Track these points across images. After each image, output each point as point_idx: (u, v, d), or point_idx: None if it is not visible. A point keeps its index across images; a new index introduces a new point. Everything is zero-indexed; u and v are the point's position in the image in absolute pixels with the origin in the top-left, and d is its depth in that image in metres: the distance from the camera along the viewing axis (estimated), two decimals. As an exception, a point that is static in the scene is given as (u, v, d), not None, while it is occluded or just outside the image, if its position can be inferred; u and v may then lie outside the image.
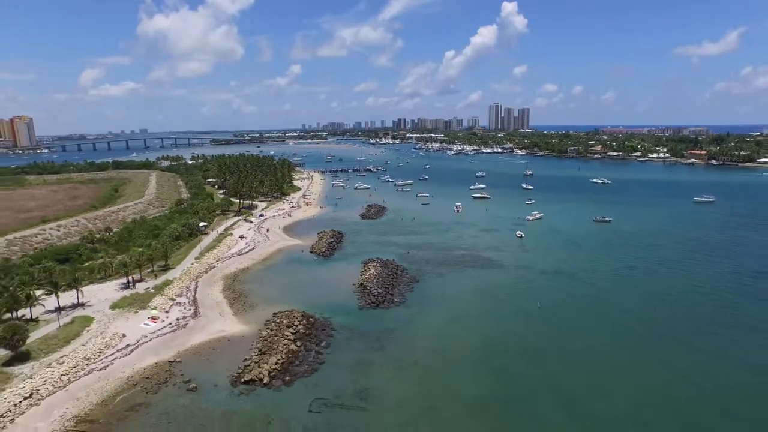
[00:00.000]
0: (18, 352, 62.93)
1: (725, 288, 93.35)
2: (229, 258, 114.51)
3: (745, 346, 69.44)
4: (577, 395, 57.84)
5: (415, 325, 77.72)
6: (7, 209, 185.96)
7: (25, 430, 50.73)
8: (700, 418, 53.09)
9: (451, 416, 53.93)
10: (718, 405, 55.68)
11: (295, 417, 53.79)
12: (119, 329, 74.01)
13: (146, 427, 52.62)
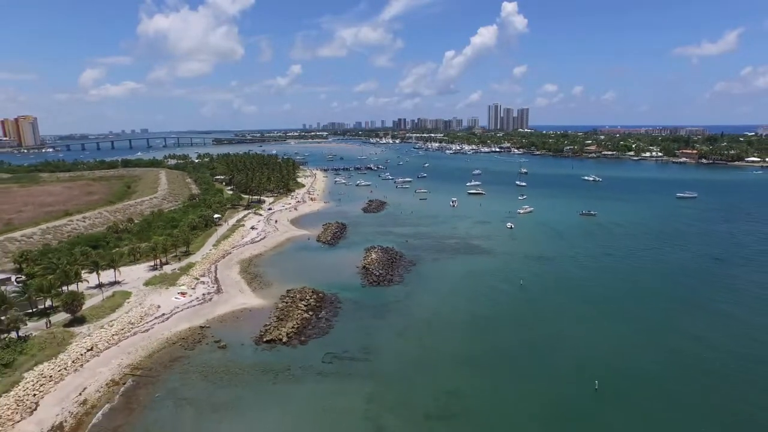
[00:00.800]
0: (76, 316, 74.21)
1: (686, 270, 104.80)
2: (243, 246, 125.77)
3: (690, 318, 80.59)
4: (547, 352, 68.93)
5: (411, 300, 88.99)
6: (30, 204, 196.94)
7: (92, 374, 61.87)
8: (639, 360, 64.03)
9: (441, 368, 65.00)
10: (658, 352, 66.59)
11: (310, 366, 64.91)
12: (154, 301, 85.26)
13: (187, 373, 63.77)
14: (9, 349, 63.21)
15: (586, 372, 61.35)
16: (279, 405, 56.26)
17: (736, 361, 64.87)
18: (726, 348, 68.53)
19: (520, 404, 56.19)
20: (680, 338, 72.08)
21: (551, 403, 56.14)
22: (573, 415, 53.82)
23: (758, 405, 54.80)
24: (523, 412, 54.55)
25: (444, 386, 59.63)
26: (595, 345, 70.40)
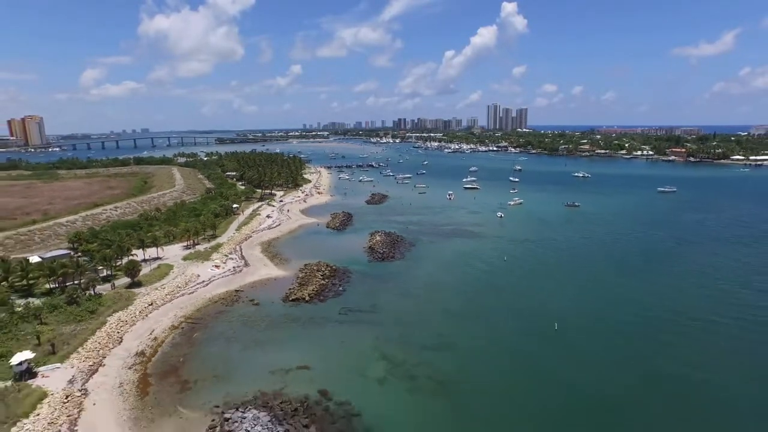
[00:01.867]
0: (134, 280, 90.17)
1: (646, 248, 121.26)
2: (261, 231, 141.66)
3: (636, 280, 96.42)
4: (519, 306, 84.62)
5: (410, 271, 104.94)
6: (57, 197, 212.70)
7: (156, 321, 77.72)
8: (591, 309, 79.71)
9: (432, 318, 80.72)
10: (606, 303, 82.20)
11: (329, 317, 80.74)
12: (194, 272, 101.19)
13: (230, 321, 79.59)
14: (91, 302, 79.27)
15: (548, 318, 77.25)
16: (307, 341, 72.00)
17: (662, 305, 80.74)
18: (657, 300, 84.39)
19: (496, 341, 71.96)
20: (624, 293, 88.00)
21: (520, 340, 71.97)
22: (537, 347, 69.48)
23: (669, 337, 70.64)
24: (498, 346, 70.31)
25: (434, 330, 75.55)
26: (558, 300, 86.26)
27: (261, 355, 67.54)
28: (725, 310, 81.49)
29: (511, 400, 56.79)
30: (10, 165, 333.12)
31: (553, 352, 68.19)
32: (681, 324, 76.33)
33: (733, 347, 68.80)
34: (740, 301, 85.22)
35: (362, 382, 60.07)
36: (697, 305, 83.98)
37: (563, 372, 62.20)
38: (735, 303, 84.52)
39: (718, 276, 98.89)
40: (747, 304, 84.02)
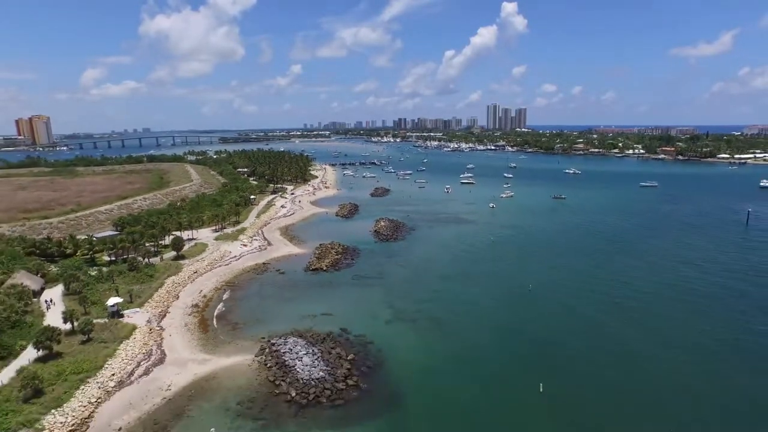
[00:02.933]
0: (179, 254, 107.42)
1: (616, 233, 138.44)
2: (278, 218, 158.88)
3: (600, 256, 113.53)
4: (500, 272, 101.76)
5: (411, 249, 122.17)
6: (84, 191, 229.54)
7: (201, 285, 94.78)
8: (561, 276, 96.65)
9: (428, 281, 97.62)
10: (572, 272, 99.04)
11: (344, 281, 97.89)
12: (226, 249, 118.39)
13: (263, 284, 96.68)
14: (147, 269, 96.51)
15: (525, 282, 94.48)
16: (327, 297, 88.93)
17: (616, 275, 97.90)
18: (614, 271, 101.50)
19: (479, 296, 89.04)
20: (588, 266, 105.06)
21: (500, 297, 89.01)
22: (514, 304, 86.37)
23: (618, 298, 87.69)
24: (481, 300, 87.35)
25: (430, 288, 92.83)
26: (534, 270, 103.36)
27: (291, 306, 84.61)
28: (666, 279, 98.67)
29: (489, 333, 73.74)
30: (31, 162, 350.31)
31: (525, 305, 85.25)
32: (629, 289, 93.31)
33: (669, 305, 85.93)
34: (681, 273, 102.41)
35: (373, 322, 77.15)
36: (645, 277, 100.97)
37: (531, 318, 79.30)
38: (676, 275, 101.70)
39: (670, 255, 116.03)
40: (686, 275, 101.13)
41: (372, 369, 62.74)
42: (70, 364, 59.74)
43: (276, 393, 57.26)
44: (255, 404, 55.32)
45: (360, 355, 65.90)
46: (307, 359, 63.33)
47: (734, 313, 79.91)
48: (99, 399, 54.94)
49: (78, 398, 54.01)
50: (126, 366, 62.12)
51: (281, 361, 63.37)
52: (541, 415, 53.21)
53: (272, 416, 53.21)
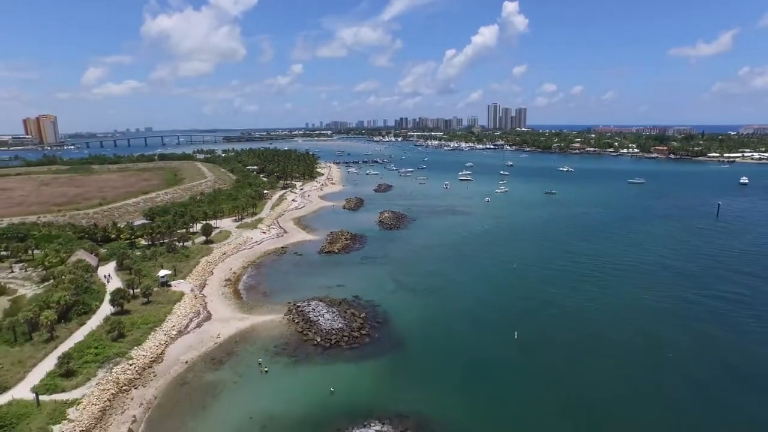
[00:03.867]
0: (208, 238, 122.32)
1: (600, 222, 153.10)
2: (291, 210, 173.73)
3: (582, 242, 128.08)
4: (490, 254, 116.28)
5: (412, 236, 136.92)
6: (106, 187, 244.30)
7: (230, 264, 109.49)
8: (542, 256, 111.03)
9: (427, 261, 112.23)
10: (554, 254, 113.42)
11: (353, 261, 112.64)
12: (248, 235, 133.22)
13: (283, 264, 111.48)
14: (184, 250, 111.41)
15: (510, 261, 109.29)
16: (340, 273, 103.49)
17: (591, 255, 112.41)
18: (589, 252, 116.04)
19: (470, 271, 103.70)
20: (567, 248, 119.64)
21: (487, 273, 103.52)
22: (499, 277, 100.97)
23: (590, 273, 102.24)
24: (472, 275, 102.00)
25: (428, 266, 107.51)
26: (520, 251, 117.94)
27: (310, 280, 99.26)
28: (630, 258, 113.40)
29: (477, 298, 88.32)
30: (49, 161, 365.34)
31: (508, 278, 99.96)
32: (596, 266, 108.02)
33: (626, 277, 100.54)
34: (642, 254, 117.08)
35: (380, 291, 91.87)
36: (612, 257, 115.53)
37: (512, 288, 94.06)
38: (638, 255, 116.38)
39: (639, 240, 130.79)
40: (645, 256, 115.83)
41: (380, 324, 77.51)
42: (139, 318, 74.63)
43: (304, 339, 72.04)
44: (288, 347, 70.12)
45: (370, 314, 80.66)
46: (328, 315, 78.10)
47: (676, 282, 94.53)
48: (166, 342, 69.82)
49: (151, 341, 68.91)
50: (182, 321, 76.99)
51: (306, 317, 78.14)
52: (515, 353, 67.90)
53: (303, 354, 68.01)
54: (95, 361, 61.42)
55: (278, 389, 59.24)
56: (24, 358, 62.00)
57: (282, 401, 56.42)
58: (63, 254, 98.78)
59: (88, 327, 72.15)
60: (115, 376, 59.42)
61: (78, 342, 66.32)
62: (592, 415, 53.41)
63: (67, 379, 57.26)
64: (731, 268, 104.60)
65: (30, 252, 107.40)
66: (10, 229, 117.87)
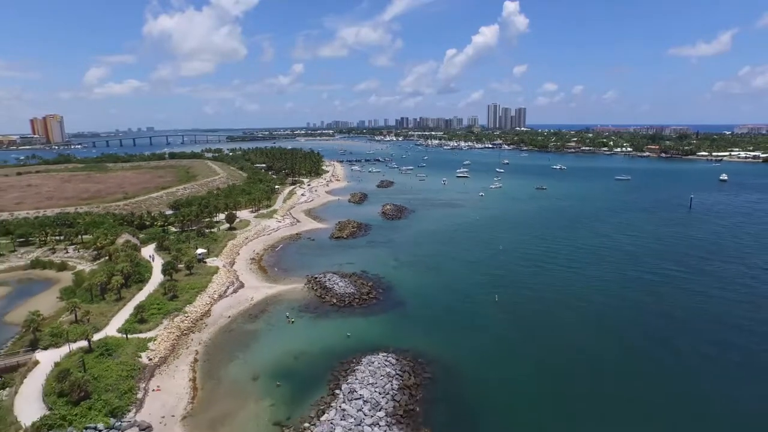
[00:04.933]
0: (231, 225, 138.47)
1: (579, 212, 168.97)
2: (301, 203, 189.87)
3: (570, 230, 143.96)
4: (478, 238, 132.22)
5: (411, 225, 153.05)
6: (124, 183, 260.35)
7: (253, 247, 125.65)
8: (523, 240, 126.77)
9: (426, 244, 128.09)
10: (535, 239, 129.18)
11: (361, 245, 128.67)
12: (265, 224, 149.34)
13: (299, 247, 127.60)
14: (211, 235, 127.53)
15: (498, 244, 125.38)
16: (349, 254, 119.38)
17: (568, 240, 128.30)
18: (566, 238, 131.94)
19: (461, 253, 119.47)
20: (547, 234, 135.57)
21: (476, 253, 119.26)
22: (486, 257, 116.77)
23: (568, 254, 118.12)
24: (462, 256, 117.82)
25: (426, 248, 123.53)
26: (507, 237, 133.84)
27: (323, 259, 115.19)
28: (602, 243, 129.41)
29: (465, 272, 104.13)
30: (64, 159, 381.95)
31: (494, 257, 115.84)
32: (572, 248, 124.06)
33: (598, 258, 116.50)
34: (614, 239, 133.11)
35: (384, 267, 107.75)
36: (586, 242, 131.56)
37: (496, 265, 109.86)
38: (610, 240, 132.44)
39: (614, 228, 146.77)
40: (617, 240, 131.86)
41: (384, 290, 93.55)
42: (186, 284, 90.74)
43: (322, 301, 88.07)
44: (310, 307, 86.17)
45: (376, 283, 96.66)
46: (341, 284, 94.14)
47: (630, 261, 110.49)
48: (211, 302, 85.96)
49: (199, 301, 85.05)
50: (220, 287, 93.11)
51: (323, 285, 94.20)
52: (494, 311, 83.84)
53: (322, 312, 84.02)
54: (159, 314, 77.53)
55: (304, 334, 75.21)
56: (104, 311, 78.15)
57: (308, 342, 72.34)
58: (111, 237, 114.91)
59: (145, 291, 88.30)
60: (176, 324, 75.53)
61: (141, 301, 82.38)
62: (551, 350, 69.26)
63: (142, 325, 73.36)
64: (683, 251, 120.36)
65: (80, 236, 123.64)
66: (60, 217, 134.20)
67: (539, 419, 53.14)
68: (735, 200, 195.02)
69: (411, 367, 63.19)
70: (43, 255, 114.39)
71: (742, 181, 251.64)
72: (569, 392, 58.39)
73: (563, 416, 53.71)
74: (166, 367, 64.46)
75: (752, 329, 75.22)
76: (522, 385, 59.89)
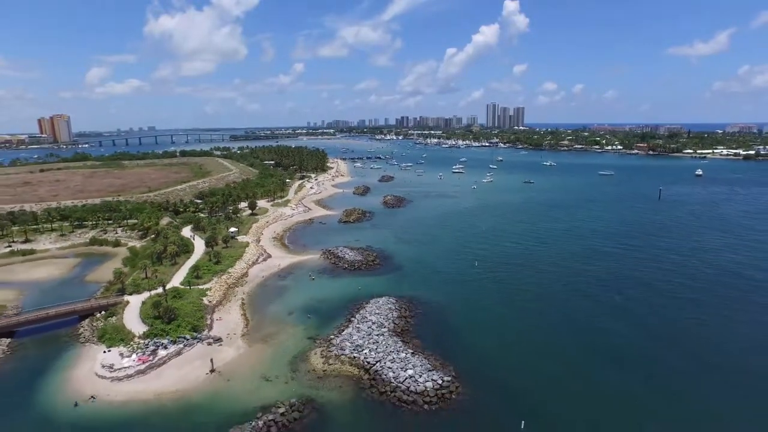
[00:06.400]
0: (252, 211, 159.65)
1: (563, 203, 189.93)
2: (310, 195, 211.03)
3: (550, 217, 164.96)
4: (466, 222, 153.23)
5: (409, 211, 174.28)
6: (145, 178, 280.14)
7: (274, 228, 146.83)
8: (505, 226, 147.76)
9: (421, 227, 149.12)
10: (517, 228, 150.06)
11: (365, 227, 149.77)
12: (281, 211, 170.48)
13: (313, 228, 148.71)
14: (237, 219, 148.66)
15: (482, 227, 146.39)
16: (356, 234, 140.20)
17: (548, 225, 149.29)
18: (546, 222, 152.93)
19: (449, 234, 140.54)
20: (528, 218, 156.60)
21: (462, 234, 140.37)
22: (471, 236, 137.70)
23: (544, 238, 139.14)
24: (451, 235, 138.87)
25: (422, 229, 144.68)
26: (491, 221, 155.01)
27: (334, 238, 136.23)
28: (574, 225, 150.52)
29: (451, 246, 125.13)
30: (82, 157, 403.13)
31: (478, 237, 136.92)
32: (548, 230, 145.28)
33: (568, 237, 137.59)
34: (585, 222, 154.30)
35: (386, 243, 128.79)
36: (562, 225, 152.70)
37: (479, 241, 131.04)
38: (582, 222, 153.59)
39: (586, 214, 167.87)
40: (588, 223, 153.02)
41: (386, 259, 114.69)
42: (225, 254, 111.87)
43: (336, 267, 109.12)
44: (326, 270, 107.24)
45: (380, 254, 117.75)
46: (351, 254, 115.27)
47: (592, 238, 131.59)
48: (247, 267, 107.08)
49: (238, 265, 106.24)
50: (252, 257, 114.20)
51: (336, 255, 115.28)
52: (474, 272, 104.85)
53: (337, 273, 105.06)
54: (209, 273, 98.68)
55: (324, 288, 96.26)
56: (165, 271, 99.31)
57: (328, 292, 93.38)
58: (154, 219, 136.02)
59: (192, 259, 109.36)
60: (224, 280, 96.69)
61: (192, 264, 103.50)
62: (515, 294, 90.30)
63: (198, 280, 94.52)
64: (640, 230, 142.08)
65: (125, 220, 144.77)
66: (105, 205, 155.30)
67: (500, 336, 74.20)
68: (701, 191, 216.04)
69: (407, 305, 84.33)
70: (98, 235, 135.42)
71: (715, 176, 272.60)
72: (524, 317, 79.61)
73: (517, 333, 74.79)
74: (222, 307, 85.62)
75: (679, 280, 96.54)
76: (487, 316, 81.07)
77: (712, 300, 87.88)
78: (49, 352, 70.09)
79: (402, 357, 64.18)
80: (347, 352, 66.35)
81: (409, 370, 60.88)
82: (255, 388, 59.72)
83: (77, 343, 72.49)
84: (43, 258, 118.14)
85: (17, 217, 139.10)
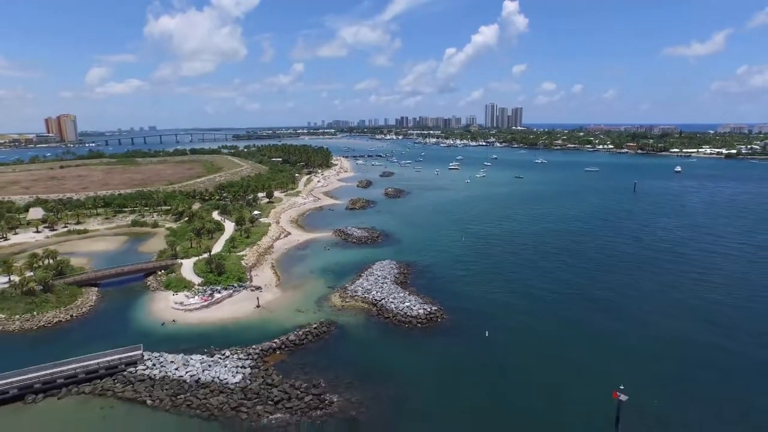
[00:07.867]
0: (270, 200, 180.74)
1: (545, 194, 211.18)
2: (318, 188, 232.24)
3: (533, 207, 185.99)
4: (457, 213, 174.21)
5: (408, 201, 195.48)
6: (161, 173, 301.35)
7: (289, 214, 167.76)
8: (494, 218, 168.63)
9: (419, 214, 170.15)
10: (505, 219, 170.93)
11: (369, 213, 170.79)
12: (294, 200, 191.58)
13: (324, 214, 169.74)
14: (257, 205, 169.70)
15: (471, 212, 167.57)
16: (361, 219, 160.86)
17: (532, 214, 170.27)
18: (523, 211, 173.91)
19: (443, 218, 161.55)
20: (513, 208, 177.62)
21: (454, 218, 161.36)
22: (461, 220, 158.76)
23: (527, 227, 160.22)
24: (444, 219, 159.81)
25: (420, 215, 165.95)
26: (482, 209, 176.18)
27: (343, 221, 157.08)
28: (552, 212, 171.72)
29: (443, 226, 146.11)
30: (97, 155, 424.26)
31: (466, 219, 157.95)
32: (528, 215, 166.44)
33: (546, 221, 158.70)
34: (561, 209, 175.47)
35: (388, 225, 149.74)
36: (541, 212, 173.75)
37: (467, 222, 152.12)
38: (560, 211, 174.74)
39: (568, 202, 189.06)
40: (566, 211, 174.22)
41: (388, 236, 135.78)
42: (253, 231, 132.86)
43: (346, 242, 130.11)
44: (338, 244, 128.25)
45: (382, 233, 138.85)
46: (358, 232, 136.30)
47: (567, 221, 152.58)
48: (272, 241, 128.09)
49: (264, 239, 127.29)
50: (275, 234, 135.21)
51: (346, 233, 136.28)
52: (461, 246, 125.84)
53: (347, 246, 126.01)
54: (243, 244, 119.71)
55: (337, 256, 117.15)
56: (206, 242, 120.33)
57: (341, 259, 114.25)
58: (187, 204, 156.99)
59: (225, 236, 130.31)
60: (255, 249, 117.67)
61: (227, 238, 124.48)
62: (493, 261, 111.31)
63: (234, 249, 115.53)
64: (609, 215, 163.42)
65: (160, 206, 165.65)
66: (139, 193, 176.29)
67: (476, 283, 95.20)
68: (674, 186, 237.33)
69: (405, 265, 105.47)
70: (137, 218, 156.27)
71: (692, 173, 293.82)
72: (497, 271, 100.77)
73: (489, 281, 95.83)
74: (257, 268, 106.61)
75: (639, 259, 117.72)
76: (467, 272, 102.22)
77: (629, 267, 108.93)
78: (129, 296, 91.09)
79: (401, 296, 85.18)
80: (360, 293, 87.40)
81: (407, 303, 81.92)
82: (292, 316, 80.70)
83: (149, 290, 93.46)
84: (96, 236, 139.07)
85: (66, 204, 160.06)
